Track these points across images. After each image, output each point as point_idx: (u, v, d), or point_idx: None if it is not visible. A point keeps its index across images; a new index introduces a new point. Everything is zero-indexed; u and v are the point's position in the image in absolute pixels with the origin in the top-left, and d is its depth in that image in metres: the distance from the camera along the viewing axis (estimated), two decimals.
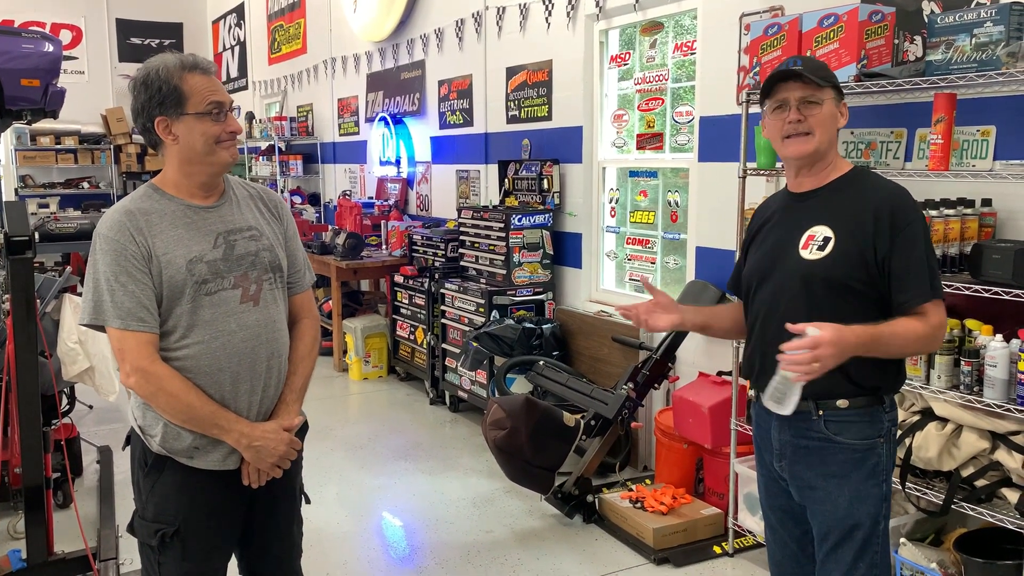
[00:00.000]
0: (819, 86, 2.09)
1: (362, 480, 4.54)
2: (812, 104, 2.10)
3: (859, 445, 2.09)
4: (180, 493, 2.03)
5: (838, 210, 2.09)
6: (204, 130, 1.98)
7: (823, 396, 2.08)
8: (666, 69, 4.63)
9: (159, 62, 1.99)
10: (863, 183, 2.12)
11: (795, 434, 2.15)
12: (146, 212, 1.99)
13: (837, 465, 2.10)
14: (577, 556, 3.65)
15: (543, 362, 4.68)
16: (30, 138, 11.02)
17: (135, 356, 1.94)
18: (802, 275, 2.09)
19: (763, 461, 2.29)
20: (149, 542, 2.06)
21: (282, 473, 2.10)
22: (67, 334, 3.95)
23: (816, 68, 2.14)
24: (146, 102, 1.98)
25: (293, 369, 2.16)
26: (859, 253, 2.03)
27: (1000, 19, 2.58)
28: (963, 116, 2.87)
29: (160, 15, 12.21)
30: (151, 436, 2.04)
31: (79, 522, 3.35)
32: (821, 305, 2.05)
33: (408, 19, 7.00)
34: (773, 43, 3.20)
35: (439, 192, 6.85)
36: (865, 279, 2.04)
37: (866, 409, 2.09)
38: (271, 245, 2.12)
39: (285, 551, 2.26)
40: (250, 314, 2.04)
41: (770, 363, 2.05)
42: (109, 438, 4.93)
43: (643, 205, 4.90)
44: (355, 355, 6.52)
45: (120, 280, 1.93)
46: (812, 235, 2.10)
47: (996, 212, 2.89)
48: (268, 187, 2.56)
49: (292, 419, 2.11)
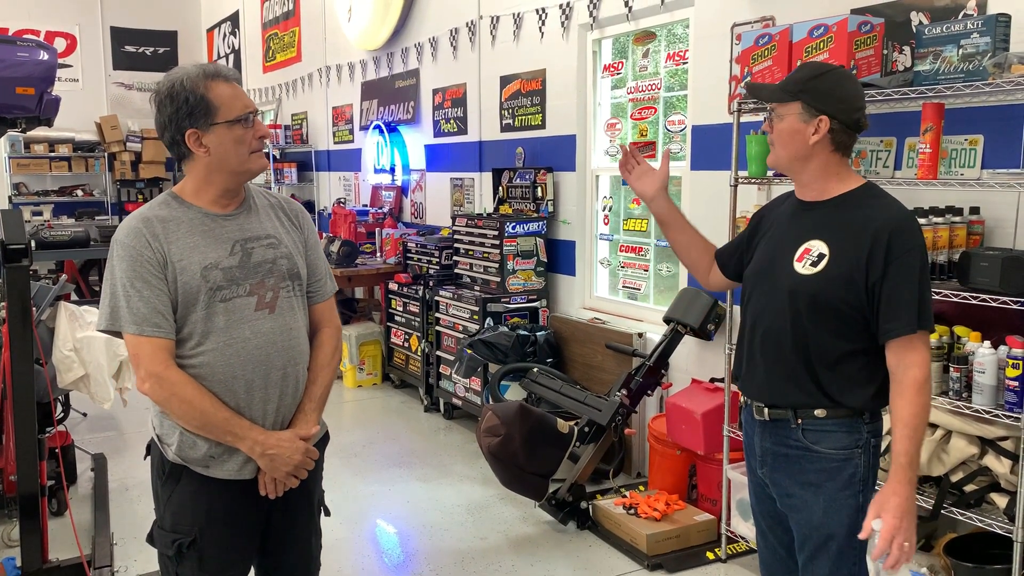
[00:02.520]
0: (781, 101, 2.07)
1: (356, 487, 4.55)
2: (776, 118, 2.10)
3: (835, 455, 2.06)
4: (196, 502, 2.02)
5: (838, 227, 2.04)
6: (236, 138, 1.97)
7: (800, 405, 2.08)
8: (659, 78, 4.67)
9: (181, 73, 1.96)
10: (868, 203, 2.04)
11: (775, 442, 2.15)
12: (163, 219, 1.98)
13: (813, 474, 2.09)
14: (571, 562, 3.67)
15: (537, 369, 4.69)
16: (24, 146, 11.00)
17: (150, 362, 1.93)
18: (789, 289, 2.06)
19: (751, 467, 2.30)
20: (167, 552, 2.04)
21: (299, 483, 2.08)
22: (62, 342, 3.95)
23: (792, 80, 2.10)
24: (173, 115, 1.95)
25: (312, 378, 2.13)
26: (849, 274, 1.99)
27: (986, 30, 2.62)
28: (951, 125, 2.90)
29: (154, 23, 12.21)
30: (168, 445, 2.03)
31: (74, 530, 3.35)
32: (802, 323, 2.04)
33: (402, 28, 7.03)
34: (764, 53, 3.24)
35: (433, 200, 6.87)
36: (853, 302, 2.00)
37: (845, 420, 2.06)
38: (289, 253, 2.10)
39: (302, 564, 2.23)
40: (265, 322, 2.02)
41: (754, 366, 2.16)
42: (103, 446, 4.93)
43: (636, 213, 4.92)
44: (349, 362, 6.53)
45: (136, 286, 1.92)
46: (808, 248, 2.06)
47: (984, 220, 2.92)
48: None
49: (309, 428, 2.08)
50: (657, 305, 4.75)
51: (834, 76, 2.09)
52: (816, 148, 2.06)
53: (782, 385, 2.11)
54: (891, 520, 1.87)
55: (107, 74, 11.97)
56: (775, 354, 2.11)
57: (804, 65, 2.20)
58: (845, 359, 2.04)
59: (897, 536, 1.86)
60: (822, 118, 2.03)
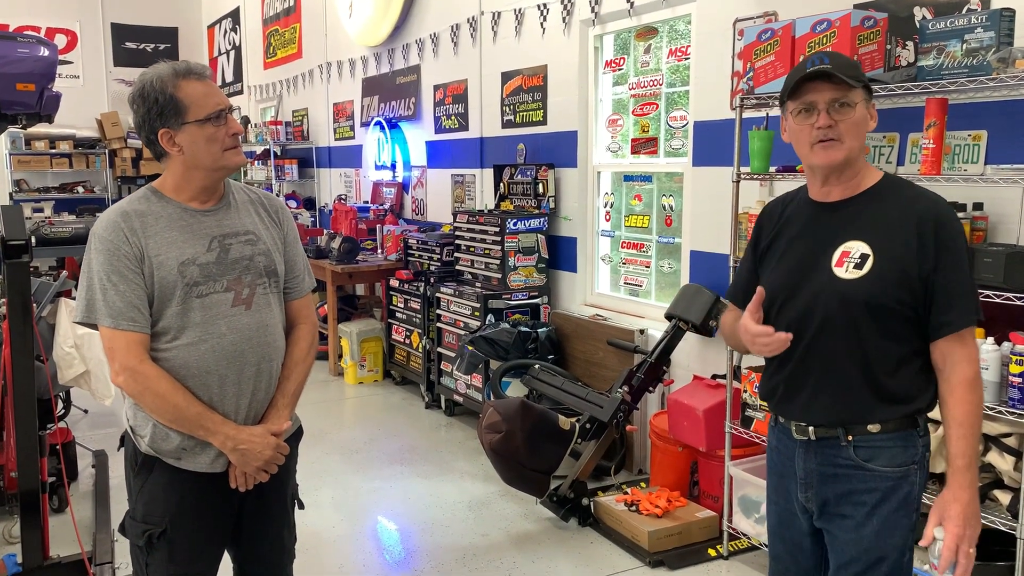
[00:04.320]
0: (850, 86, 1.87)
1: (357, 484, 4.54)
2: (844, 107, 1.88)
3: (891, 473, 1.91)
4: (168, 494, 2.04)
5: (875, 223, 1.89)
6: (208, 136, 1.98)
7: (853, 421, 1.92)
8: (660, 74, 4.65)
9: (152, 74, 1.99)
10: (900, 192, 1.92)
11: (821, 461, 1.98)
12: (142, 214, 2.00)
13: (867, 494, 1.92)
14: (572, 559, 3.66)
15: (538, 366, 4.69)
16: (24, 142, 11.00)
17: (124, 355, 1.95)
18: (840, 297, 1.89)
19: (782, 489, 2.10)
20: (137, 543, 2.07)
21: (269, 477, 2.10)
22: (63, 338, 3.94)
23: (846, 66, 1.92)
24: (145, 115, 1.98)
25: (287, 374, 2.15)
26: (901, 271, 1.85)
27: (990, 25, 2.61)
28: (954, 121, 2.89)
29: (155, 20, 12.21)
30: (140, 436, 2.06)
31: (75, 526, 3.35)
32: (861, 330, 1.89)
33: (403, 24, 7.01)
34: (767, 48, 3.22)
35: (434, 196, 6.86)
36: (908, 300, 1.86)
37: (899, 434, 1.91)
38: (267, 250, 2.12)
39: (275, 555, 2.26)
40: (241, 318, 2.04)
41: (796, 386, 1.96)
42: (104, 442, 4.93)
43: (638, 209, 4.91)
44: (350, 359, 6.53)
45: (112, 280, 1.94)
46: (847, 251, 1.90)
47: (987, 216, 2.90)
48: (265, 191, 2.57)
49: (281, 424, 2.10)
50: (658, 302, 4.75)
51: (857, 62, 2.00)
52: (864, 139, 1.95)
53: (834, 401, 1.94)
54: (955, 528, 1.78)
55: (108, 70, 11.97)
56: (824, 369, 1.94)
57: (827, 54, 2.03)
58: (904, 363, 1.90)
59: (962, 544, 1.77)
60: (873, 104, 1.94)
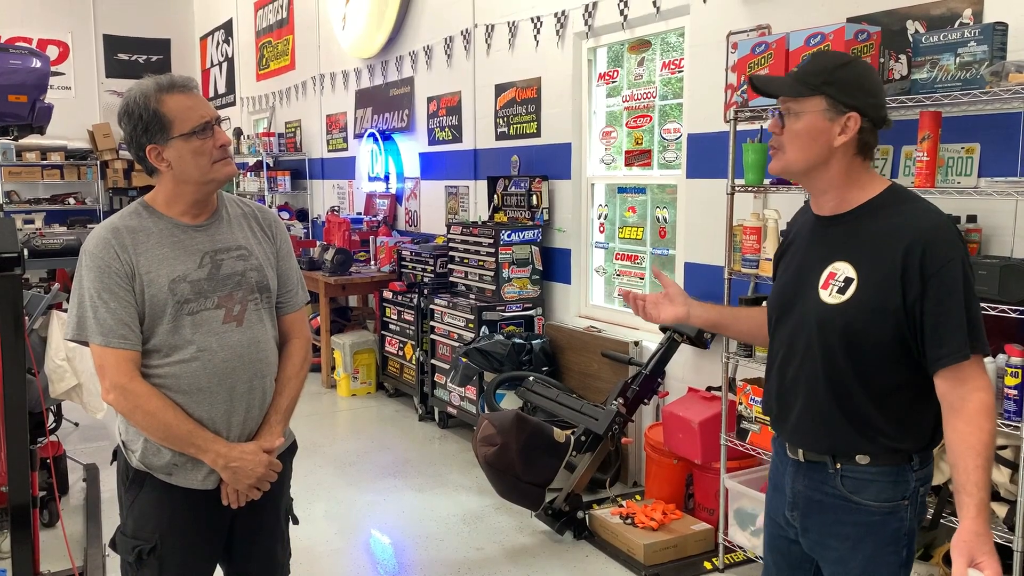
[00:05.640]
0: (799, 95, 1.77)
1: (351, 497, 4.52)
2: (789, 115, 1.80)
3: (878, 508, 1.80)
4: (159, 510, 2.03)
5: (863, 244, 1.77)
6: (194, 150, 1.96)
7: (838, 451, 1.82)
8: (654, 87, 4.67)
9: (136, 90, 1.97)
10: (896, 210, 1.77)
11: (809, 485, 1.90)
12: (133, 230, 1.99)
13: (852, 527, 1.83)
14: (567, 573, 3.64)
15: (533, 378, 4.68)
16: (16, 154, 10.96)
17: (115, 373, 1.94)
18: (819, 320, 1.81)
19: (774, 502, 2.05)
20: (127, 558, 2.05)
21: (261, 494, 2.08)
22: (55, 351, 3.91)
23: (811, 72, 1.79)
24: (132, 132, 1.97)
25: (279, 390, 2.14)
26: (882, 300, 1.73)
27: (983, 39, 2.63)
28: (948, 134, 2.91)
29: (148, 31, 12.20)
30: (132, 451, 2.04)
31: (66, 541, 3.33)
32: (835, 360, 1.79)
33: (397, 36, 7.03)
34: (760, 61, 3.24)
35: (428, 208, 6.86)
36: (891, 331, 1.74)
37: (890, 468, 1.80)
38: (259, 265, 2.10)
39: (268, 571, 2.24)
40: (232, 334, 2.03)
41: (786, 407, 1.91)
42: (95, 456, 4.89)
43: (632, 221, 4.92)
44: (343, 371, 6.50)
45: (103, 297, 1.93)
46: (833, 273, 1.80)
47: (981, 228, 2.92)
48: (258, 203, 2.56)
49: (274, 440, 2.08)
50: None
51: (860, 66, 1.82)
52: (838, 151, 1.78)
53: (817, 429, 1.86)
54: (992, 564, 1.65)
55: (100, 82, 11.95)
56: (807, 394, 1.87)
57: (820, 54, 1.95)
58: (892, 395, 1.79)
59: (989, 570, 1.65)
60: (851, 115, 1.76)
